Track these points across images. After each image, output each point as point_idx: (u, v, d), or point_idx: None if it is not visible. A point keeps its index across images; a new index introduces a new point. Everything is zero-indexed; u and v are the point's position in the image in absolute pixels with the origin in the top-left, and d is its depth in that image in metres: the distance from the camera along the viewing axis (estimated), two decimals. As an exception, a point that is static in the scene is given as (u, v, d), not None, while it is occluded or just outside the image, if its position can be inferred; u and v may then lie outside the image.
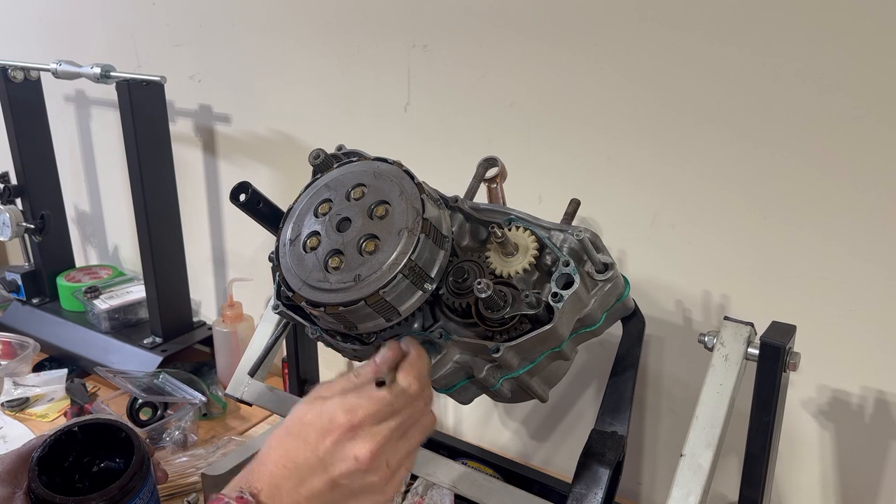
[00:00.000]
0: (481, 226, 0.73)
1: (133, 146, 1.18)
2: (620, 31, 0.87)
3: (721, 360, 0.70)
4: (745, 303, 0.88)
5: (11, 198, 1.40)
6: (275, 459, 0.56)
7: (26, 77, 1.35)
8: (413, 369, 0.60)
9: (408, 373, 0.60)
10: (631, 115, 0.89)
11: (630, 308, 0.77)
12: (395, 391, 0.58)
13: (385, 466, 0.57)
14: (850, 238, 0.79)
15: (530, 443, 1.13)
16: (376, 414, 0.57)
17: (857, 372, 0.83)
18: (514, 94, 0.97)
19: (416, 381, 0.60)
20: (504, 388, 0.69)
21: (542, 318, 0.65)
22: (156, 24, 1.34)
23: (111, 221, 1.63)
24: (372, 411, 0.56)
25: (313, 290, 0.66)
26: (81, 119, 1.57)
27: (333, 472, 0.56)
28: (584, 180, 0.95)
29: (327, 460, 0.56)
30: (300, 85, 1.18)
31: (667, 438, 1.00)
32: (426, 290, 0.65)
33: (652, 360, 0.97)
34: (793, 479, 0.92)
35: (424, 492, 0.93)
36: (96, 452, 0.80)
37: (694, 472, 0.66)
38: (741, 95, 0.81)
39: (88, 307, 1.36)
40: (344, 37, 1.10)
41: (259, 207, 0.74)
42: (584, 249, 0.68)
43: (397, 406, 0.58)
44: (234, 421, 1.18)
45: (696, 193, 0.87)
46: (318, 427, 0.56)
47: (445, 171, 0.87)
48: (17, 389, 1.21)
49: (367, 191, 0.68)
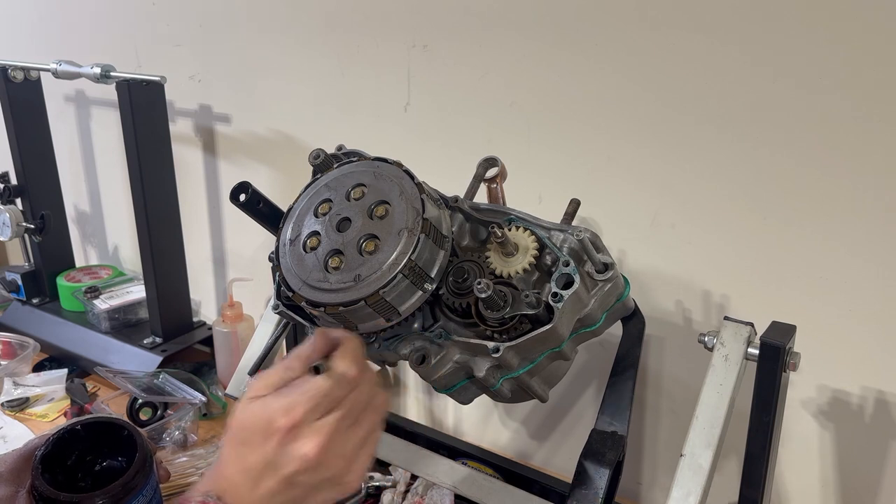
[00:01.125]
0: (481, 226, 0.73)
1: (133, 146, 1.18)
2: (620, 31, 0.87)
3: (721, 360, 0.70)
4: (745, 303, 0.88)
5: (11, 198, 1.40)
6: (230, 463, 0.56)
7: (26, 77, 1.35)
8: (348, 353, 0.58)
9: (343, 357, 0.58)
10: (631, 115, 0.89)
11: (630, 308, 0.77)
12: (334, 378, 0.56)
13: (339, 458, 0.55)
14: (850, 238, 0.79)
15: (530, 443, 1.13)
16: (316, 408, 0.55)
17: (857, 372, 0.83)
18: (514, 94, 0.97)
19: (352, 364, 0.57)
20: (504, 388, 0.69)
21: (542, 318, 0.65)
22: (156, 24, 1.34)
23: (111, 221, 1.63)
24: (310, 407, 0.54)
25: (313, 290, 0.66)
26: (81, 119, 1.57)
27: (285, 471, 0.54)
28: (584, 180, 0.95)
29: (277, 462, 0.54)
30: (300, 85, 1.18)
31: (667, 438, 1.00)
32: (426, 290, 0.65)
33: (652, 360, 0.97)
34: (793, 479, 0.92)
35: (424, 492, 0.93)
36: (99, 451, 0.80)
37: (694, 472, 0.66)
38: (741, 95, 0.81)
39: (88, 307, 1.36)
40: (344, 37, 1.10)
41: (259, 207, 0.74)
42: (584, 249, 0.68)
43: (339, 394, 0.56)
44: (234, 421, 1.18)
45: (696, 193, 0.87)
46: (259, 431, 0.54)
47: (445, 171, 0.87)
48: (17, 389, 1.21)
49: (367, 191, 0.68)
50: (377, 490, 0.96)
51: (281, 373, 0.57)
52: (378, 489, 0.96)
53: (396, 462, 0.80)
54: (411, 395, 1.23)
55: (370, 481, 0.97)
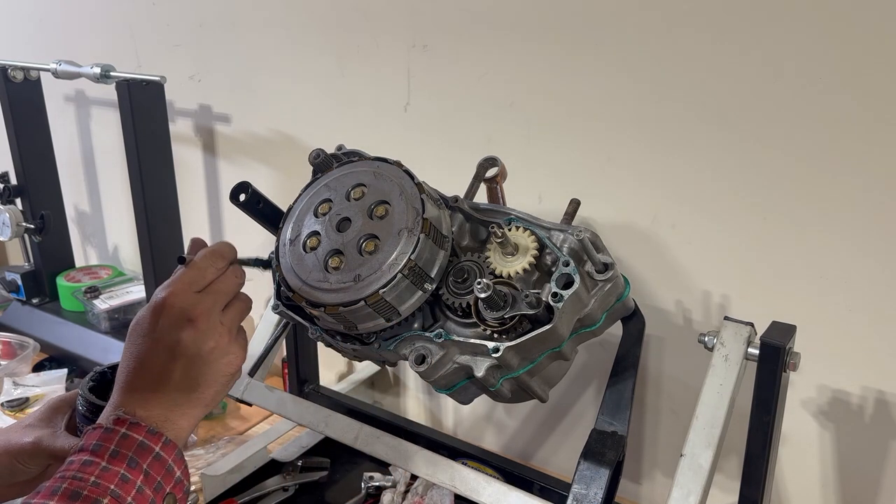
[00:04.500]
0: (481, 226, 0.73)
1: (133, 146, 1.18)
2: (620, 31, 0.87)
3: (721, 360, 0.71)
4: (745, 303, 0.88)
5: (11, 198, 1.40)
6: (124, 373, 0.59)
7: (26, 77, 1.35)
8: (208, 251, 0.64)
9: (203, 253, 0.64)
10: (631, 115, 0.89)
11: (630, 308, 0.77)
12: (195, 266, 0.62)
13: (219, 325, 0.61)
14: (850, 238, 0.79)
15: (530, 443, 1.12)
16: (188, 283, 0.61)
17: (857, 372, 0.83)
18: (514, 94, 0.97)
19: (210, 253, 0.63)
20: (504, 388, 0.69)
21: (542, 318, 0.65)
22: (156, 24, 1.34)
23: (111, 221, 1.63)
24: (184, 280, 0.61)
25: (313, 290, 0.66)
26: (81, 119, 1.57)
27: (171, 342, 0.58)
28: (584, 180, 0.95)
29: (162, 337, 0.59)
30: (300, 85, 1.18)
31: (667, 438, 1.00)
32: (426, 290, 0.65)
33: (652, 360, 0.97)
34: (793, 479, 0.92)
35: (424, 492, 0.93)
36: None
37: (694, 472, 0.66)
38: (741, 95, 0.81)
39: (88, 307, 1.36)
40: (344, 36, 1.10)
41: (259, 207, 0.74)
42: (584, 249, 0.68)
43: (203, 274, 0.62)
44: (234, 421, 1.18)
45: (696, 193, 0.87)
46: (145, 318, 0.60)
47: (445, 171, 0.87)
48: (17, 389, 1.21)
49: (367, 191, 0.68)
50: (377, 490, 0.97)
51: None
52: (378, 489, 0.97)
53: (396, 462, 0.80)
54: (411, 395, 1.23)
55: (370, 481, 0.98)
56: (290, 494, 0.98)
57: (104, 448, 0.54)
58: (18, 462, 0.65)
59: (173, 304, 0.59)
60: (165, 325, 0.59)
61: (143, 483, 0.54)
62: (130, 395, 0.58)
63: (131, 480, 0.53)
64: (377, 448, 0.81)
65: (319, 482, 1.00)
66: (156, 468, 0.55)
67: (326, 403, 0.97)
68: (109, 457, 0.53)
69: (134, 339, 0.60)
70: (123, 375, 0.59)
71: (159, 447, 0.56)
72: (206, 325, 0.60)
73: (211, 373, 0.60)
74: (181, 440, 0.59)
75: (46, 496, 0.51)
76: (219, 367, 0.61)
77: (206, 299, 0.61)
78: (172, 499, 0.56)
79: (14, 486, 0.67)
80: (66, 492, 0.51)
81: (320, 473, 1.00)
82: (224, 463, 0.97)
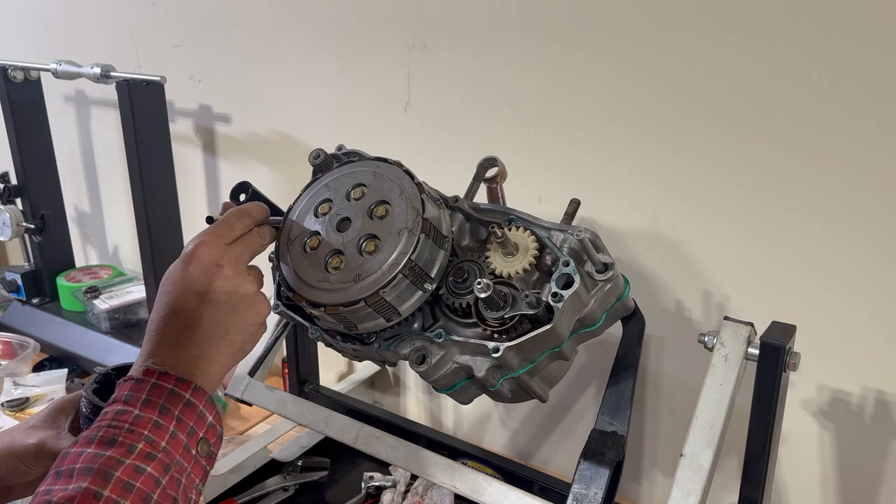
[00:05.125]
0: (481, 226, 0.73)
1: (133, 146, 1.18)
2: (620, 31, 0.87)
3: (721, 360, 0.70)
4: (745, 303, 0.88)
5: (11, 198, 1.40)
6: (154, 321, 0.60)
7: (26, 77, 1.35)
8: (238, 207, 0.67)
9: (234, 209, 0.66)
10: (631, 115, 0.89)
11: (630, 308, 0.77)
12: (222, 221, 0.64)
13: (247, 274, 0.62)
14: (850, 238, 0.79)
15: (530, 443, 1.13)
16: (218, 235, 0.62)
17: (857, 372, 0.83)
18: (514, 94, 0.97)
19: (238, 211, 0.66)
20: (504, 388, 0.69)
21: (542, 318, 0.65)
22: (156, 24, 1.34)
23: (111, 221, 1.63)
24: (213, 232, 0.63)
25: (313, 289, 0.66)
26: (81, 119, 1.57)
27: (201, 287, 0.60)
28: (584, 180, 0.95)
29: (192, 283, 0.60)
30: (300, 85, 1.18)
31: (667, 438, 1.00)
32: (426, 290, 0.65)
33: (652, 360, 0.97)
34: (793, 479, 0.92)
35: (424, 492, 0.93)
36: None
37: (694, 472, 0.66)
38: (741, 95, 0.81)
39: (88, 307, 1.36)
40: (344, 36, 1.10)
41: (259, 207, 0.74)
42: (584, 249, 0.68)
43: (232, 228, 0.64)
44: (234, 421, 1.18)
45: (696, 193, 0.87)
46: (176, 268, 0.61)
47: (445, 171, 0.87)
48: (17, 389, 1.21)
49: (367, 191, 0.68)
50: (377, 490, 0.97)
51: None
52: (378, 489, 0.97)
53: (396, 462, 0.80)
54: (411, 395, 1.23)
55: (370, 481, 0.98)
56: (290, 494, 0.98)
57: (136, 398, 0.55)
58: (23, 463, 0.65)
59: (203, 253, 0.61)
60: (195, 272, 0.60)
61: (175, 428, 0.55)
62: (160, 344, 0.59)
63: (164, 426, 0.54)
64: (377, 448, 0.81)
65: (319, 482, 1.00)
66: (187, 414, 0.56)
67: (326, 403, 0.97)
68: (141, 405, 0.54)
69: (165, 289, 0.61)
70: (154, 324, 0.60)
71: (189, 394, 0.56)
72: (234, 272, 0.61)
73: (239, 320, 0.61)
74: (211, 388, 0.59)
75: (84, 444, 0.52)
76: (246, 316, 0.62)
77: (234, 249, 0.63)
78: (206, 443, 0.57)
79: (18, 486, 0.67)
80: (102, 439, 0.52)
81: (320, 473, 1.01)
82: (224, 463, 0.97)
